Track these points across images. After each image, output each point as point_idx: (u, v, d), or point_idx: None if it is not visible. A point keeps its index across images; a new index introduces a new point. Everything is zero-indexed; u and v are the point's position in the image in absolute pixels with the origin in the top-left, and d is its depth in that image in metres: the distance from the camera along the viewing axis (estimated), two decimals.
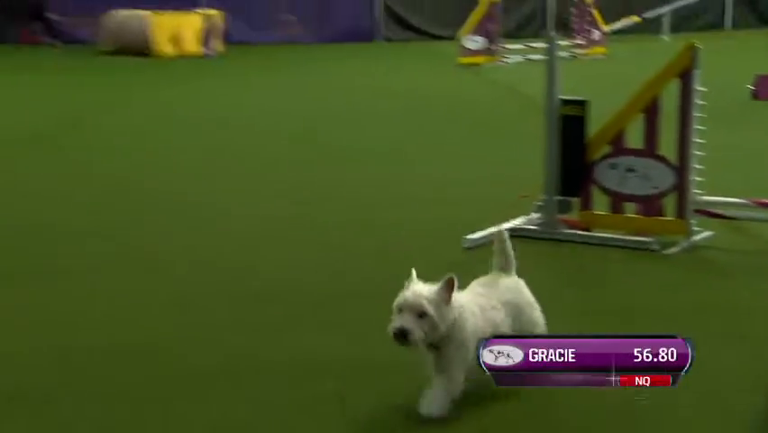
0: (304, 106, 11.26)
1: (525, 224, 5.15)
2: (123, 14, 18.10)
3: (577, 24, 16.87)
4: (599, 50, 16.70)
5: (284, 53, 18.64)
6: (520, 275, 3.20)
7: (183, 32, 17.99)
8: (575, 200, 5.08)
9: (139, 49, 17.29)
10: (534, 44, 15.83)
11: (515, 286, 3.15)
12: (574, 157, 5.00)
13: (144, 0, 18.89)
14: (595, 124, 5.01)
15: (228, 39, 19.22)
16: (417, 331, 2.72)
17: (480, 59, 15.32)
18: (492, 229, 5.02)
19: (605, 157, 4.99)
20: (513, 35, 18.67)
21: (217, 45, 18.51)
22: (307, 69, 16.06)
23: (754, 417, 3.03)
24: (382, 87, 13.11)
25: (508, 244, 3.19)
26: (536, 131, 5.51)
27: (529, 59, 15.51)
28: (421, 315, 2.73)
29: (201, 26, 18.26)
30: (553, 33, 5.25)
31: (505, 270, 3.15)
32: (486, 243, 4.92)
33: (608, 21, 17.19)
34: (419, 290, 2.77)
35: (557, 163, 5.03)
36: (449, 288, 2.78)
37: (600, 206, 5.07)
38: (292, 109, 11.03)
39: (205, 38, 18.24)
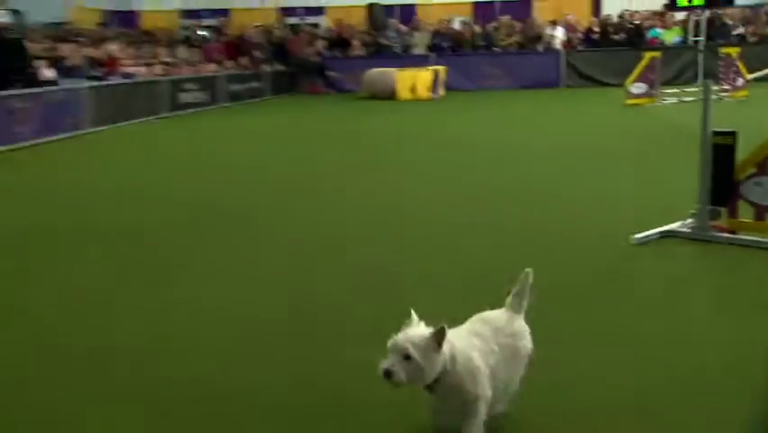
0: (500, 129, 11.20)
1: (680, 227, 4.84)
2: (377, 71, 18.89)
3: (723, 74, 15.53)
4: (742, 93, 15.25)
5: (489, 95, 18.52)
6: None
7: (418, 82, 18.41)
8: (723, 209, 4.71)
9: (387, 95, 18.00)
10: (687, 89, 14.78)
11: (515, 330, 2.45)
12: (724, 175, 4.64)
13: (392, 61, 19.67)
14: (739, 152, 4.60)
15: (449, 86, 19.44)
16: (401, 372, 2.18)
17: (642, 101, 14.54)
18: (656, 230, 4.81)
19: (750, 177, 4.58)
20: (670, 82, 17.48)
21: (441, 91, 18.80)
22: (505, 105, 15.92)
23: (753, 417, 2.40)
24: (565, 120, 12.70)
25: (529, 285, 2.49)
26: (687, 155, 5.16)
27: (682, 101, 14.51)
28: (406, 357, 2.18)
29: (430, 78, 18.60)
30: (707, 81, 4.93)
31: (516, 310, 2.48)
32: (650, 240, 4.69)
33: (750, 71, 15.65)
34: (411, 334, 2.22)
35: (709, 180, 4.69)
36: (439, 336, 2.21)
37: (745, 215, 4.66)
38: (492, 130, 11.04)
39: (433, 86, 18.56)
